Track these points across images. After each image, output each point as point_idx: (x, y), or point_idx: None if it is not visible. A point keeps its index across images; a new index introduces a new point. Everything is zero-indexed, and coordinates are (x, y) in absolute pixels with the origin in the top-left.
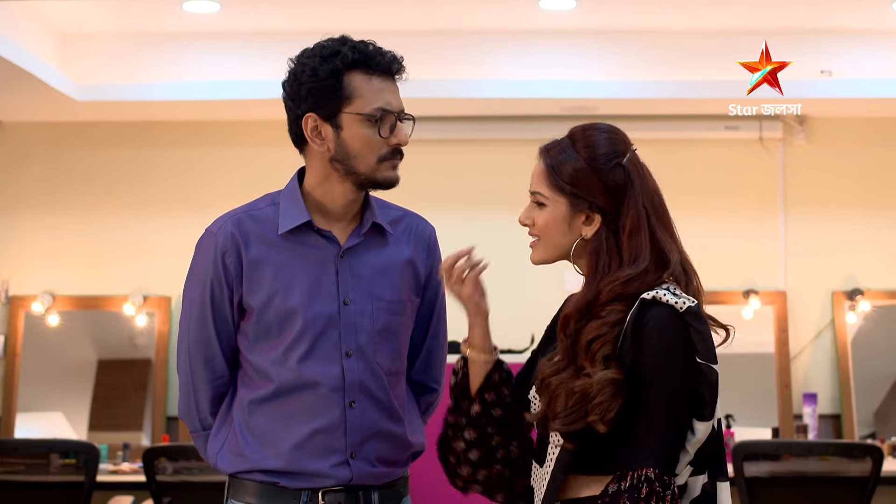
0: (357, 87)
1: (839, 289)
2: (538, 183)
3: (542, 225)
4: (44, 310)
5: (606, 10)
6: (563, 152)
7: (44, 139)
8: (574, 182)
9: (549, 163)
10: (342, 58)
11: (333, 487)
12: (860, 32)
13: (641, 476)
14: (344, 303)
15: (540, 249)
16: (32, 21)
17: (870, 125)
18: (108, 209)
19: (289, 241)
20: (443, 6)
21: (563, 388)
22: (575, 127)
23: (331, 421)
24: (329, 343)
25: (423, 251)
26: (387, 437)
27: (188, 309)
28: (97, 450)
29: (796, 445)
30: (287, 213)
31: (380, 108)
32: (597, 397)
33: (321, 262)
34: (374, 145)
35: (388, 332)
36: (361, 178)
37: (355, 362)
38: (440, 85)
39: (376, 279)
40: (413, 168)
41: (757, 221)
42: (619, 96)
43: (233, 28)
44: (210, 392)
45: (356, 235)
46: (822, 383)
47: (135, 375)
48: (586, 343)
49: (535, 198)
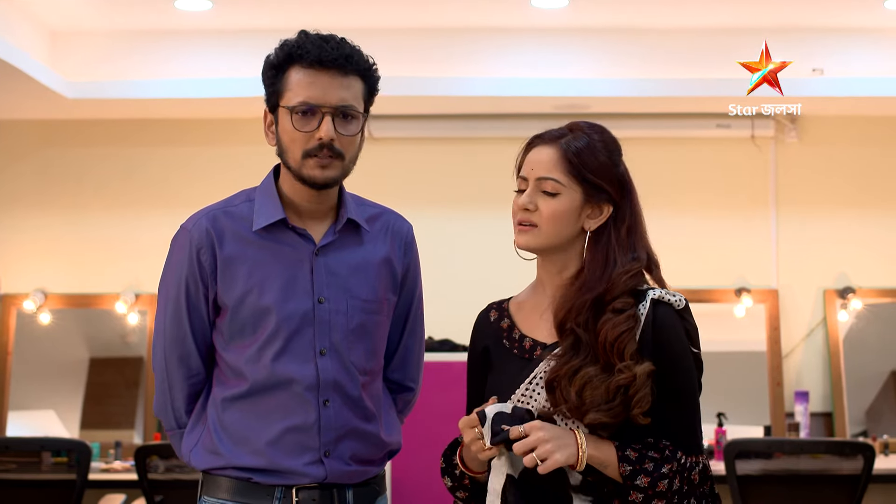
0: (289, 81)
1: (831, 287)
2: (551, 169)
3: (549, 213)
4: (35, 308)
5: (598, 9)
6: (583, 143)
7: (35, 137)
8: (598, 173)
9: (568, 151)
10: (288, 51)
11: (307, 485)
12: (851, 31)
13: (696, 462)
14: (318, 301)
15: (537, 236)
16: (23, 18)
17: (861, 124)
18: (99, 207)
19: (263, 239)
20: (434, 4)
21: (600, 383)
22: (578, 122)
23: (305, 419)
24: (303, 341)
25: (399, 249)
26: (361, 436)
27: (163, 306)
28: (89, 448)
29: (788, 444)
30: (262, 209)
31: (303, 101)
32: (640, 391)
33: (296, 259)
34: (298, 139)
35: (363, 330)
36: (293, 174)
37: (329, 361)
38: (431, 83)
39: (352, 277)
40: (404, 166)
41: (749, 220)
42: (611, 94)
43: (225, 26)
44: (185, 390)
45: (331, 233)
46: (814, 381)
47: (127, 374)
48: (614, 338)
49: (545, 185)
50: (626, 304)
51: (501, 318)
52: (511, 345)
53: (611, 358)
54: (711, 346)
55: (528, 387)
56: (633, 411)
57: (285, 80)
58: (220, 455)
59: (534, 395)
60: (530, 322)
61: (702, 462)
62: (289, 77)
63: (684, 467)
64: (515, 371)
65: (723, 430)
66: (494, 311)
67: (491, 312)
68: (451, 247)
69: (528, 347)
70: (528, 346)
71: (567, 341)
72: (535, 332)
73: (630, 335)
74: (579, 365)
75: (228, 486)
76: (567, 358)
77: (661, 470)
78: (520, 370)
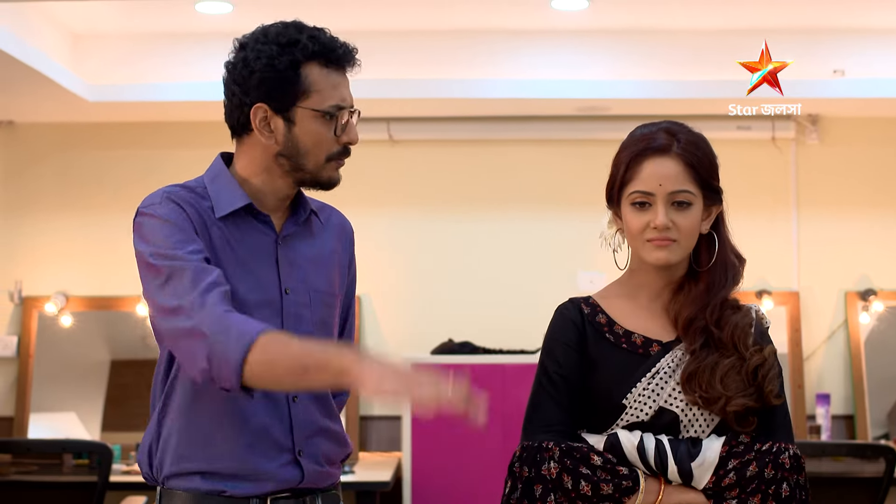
0: (315, 82)
1: (852, 289)
2: (683, 182)
3: (688, 227)
4: (57, 310)
5: (619, 10)
6: (698, 149)
7: (56, 140)
8: (716, 177)
9: (692, 160)
10: (302, 48)
11: (281, 494)
12: (873, 32)
13: (785, 448)
14: (285, 291)
15: (676, 251)
16: (44, 22)
17: (883, 125)
18: (120, 209)
19: (227, 225)
20: (454, 6)
21: (736, 373)
22: (670, 124)
23: (276, 417)
24: None
25: (345, 242)
26: (328, 435)
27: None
28: (110, 450)
29: (809, 446)
30: (222, 195)
31: (336, 104)
32: (771, 370)
33: (260, 248)
34: (326, 143)
35: (324, 324)
36: (306, 175)
37: None
38: (451, 85)
39: (311, 269)
40: (424, 168)
41: (770, 221)
42: (632, 96)
43: (245, 29)
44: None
45: (293, 223)
46: (836, 384)
47: (148, 376)
48: (740, 331)
49: (678, 197)
50: (737, 302)
51: (595, 314)
52: (617, 340)
53: (738, 348)
54: None
55: (650, 381)
56: (766, 389)
57: (305, 80)
58: (189, 458)
59: (656, 390)
60: (633, 319)
61: (792, 449)
62: (310, 77)
63: (770, 452)
64: (629, 366)
65: None
66: (584, 305)
67: (582, 306)
68: (471, 249)
69: (641, 343)
70: (639, 343)
71: (699, 339)
72: (643, 329)
73: (750, 328)
74: (717, 359)
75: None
76: (704, 354)
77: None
78: (634, 365)
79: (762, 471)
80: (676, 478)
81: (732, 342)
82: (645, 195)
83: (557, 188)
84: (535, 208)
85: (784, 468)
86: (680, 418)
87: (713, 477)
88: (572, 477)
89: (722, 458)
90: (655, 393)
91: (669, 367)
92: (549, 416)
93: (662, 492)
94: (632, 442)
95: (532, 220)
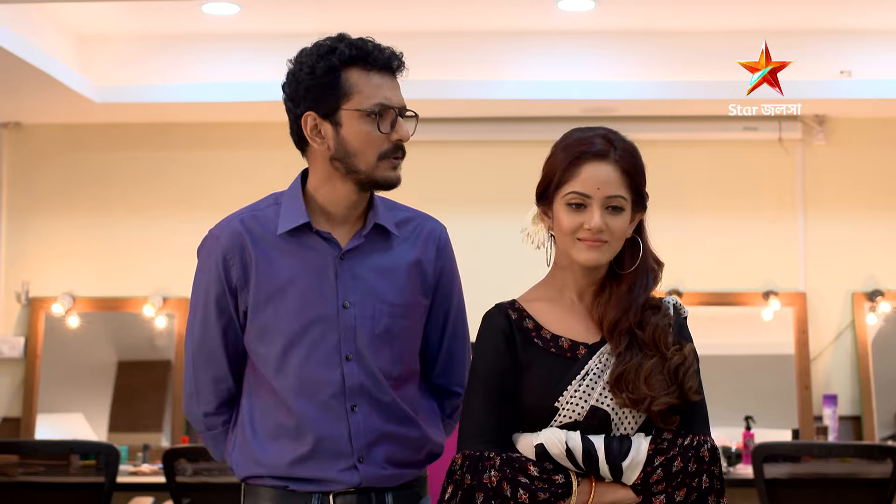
0: (355, 83)
1: (859, 290)
2: (618, 187)
3: (619, 230)
4: (64, 311)
5: (625, 11)
6: (633, 157)
7: (63, 141)
8: (644, 184)
9: (627, 168)
10: (339, 54)
11: (343, 490)
12: (880, 32)
13: (704, 441)
14: (343, 306)
15: (606, 252)
16: (51, 23)
17: (890, 125)
18: (127, 210)
19: (288, 243)
20: (461, 7)
21: (659, 372)
22: (607, 131)
23: (335, 426)
24: (328, 347)
25: (431, 251)
26: (395, 440)
27: (193, 312)
28: (117, 451)
29: (816, 447)
30: (287, 213)
31: (379, 103)
32: (690, 368)
33: (320, 264)
34: (375, 141)
35: (390, 335)
36: (362, 176)
37: (355, 366)
38: (457, 86)
39: (378, 281)
40: (431, 169)
41: (776, 222)
42: (638, 97)
43: (252, 30)
44: (212, 394)
45: (357, 237)
46: (843, 385)
47: (154, 377)
48: (660, 331)
49: (613, 202)
50: (658, 303)
51: (523, 319)
52: (545, 344)
53: (659, 348)
54: (739, 349)
55: (581, 382)
56: (686, 386)
57: (346, 82)
58: (257, 462)
59: (587, 391)
60: (558, 323)
61: (710, 441)
62: (350, 80)
63: (692, 446)
64: (558, 369)
65: (751, 434)
66: (510, 310)
67: (508, 311)
68: (476, 250)
69: (568, 347)
70: (566, 346)
71: (624, 341)
72: (569, 332)
73: (669, 328)
74: (640, 360)
75: (268, 496)
76: (629, 355)
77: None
78: (564, 368)
79: (686, 465)
80: (608, 475)
81: (654, 342)
82: (582, 196)
83: None
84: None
85: (704, 461)
86: (611, 416)
87: (641, 473)
88: (511, 486)
89: (649, 456)
90: (587, 394)
91: (598, 367)
92: (486, 425)
93: (594, 491)
94: (559, 447)
95: None
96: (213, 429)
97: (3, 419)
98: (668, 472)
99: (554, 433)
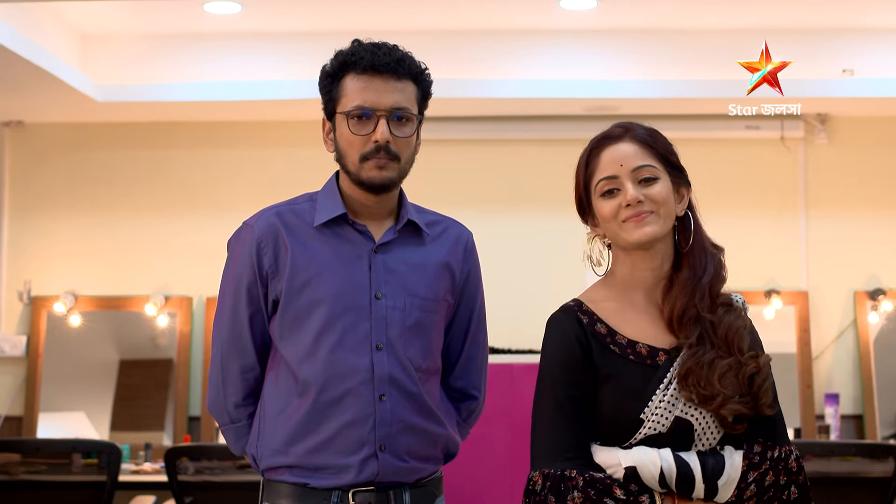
0: (344, 87)
1: (861, 288)
2: (643, 157)
3: (661, 195)
4: (66, 310)
5: (628, 10)
6: (651, 133)
7: (65, 140)
8: (675, 155)
9: (647, 141)
10: (342, 61)
11: (363, 487)
12: (882, 31)
13: (790, 452)
14: (375, 297)
15: (657, 221)
16: (53, 22)
17: (892, 124)
18: (129, 209)
19: (323, 234)
20: (464, 6)
21: (733, 375)
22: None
23: (361, 413)
24: (359, 336)
25: (460, 254)
26: (418, 432)
27: (222, 301)
28: (119, 450)
29: (818, 446)
30: (324, 206)
31: (358, 105)
32: (766, 380)
33: (355, 255)
34: (355, 143)
35: (420, 328)
36: (352, 177)
37: (385, 356)
38: (460, 85)
39: (410, 275)
40: (433, 168)
41: (778, 221)
42: (641, 96)
43: (254, 29)
44: (240, 384)
45: (392, 231)
46: (845, 384)
47: (156, 376)
48: (734, 332)
49: (643, 172)
50: (728, 300)
51: (594, 323)
52: (623, 352)
53: (732, 351)
54: None
55: (665, 392)
56: (761, 401)
57: (341, 87)
58: (280, 453)
59: (671, 401)
60: (630, 326)
61: (795, 451)
62: (344, 84)
63: (781, 458)
64: (640, 379)
65: None
66: (581, 314)
67: (580, 316)
68: (480, 248)
69: (647, 353)
70: (645, 353)
71: (694, 331)
72: (643, 337)
73: (745, 330)
74: (714, 356)
75: (288, 492)
76: (701, 350)
77: None
78: (645, 377)
79: (777, 478)
80: (700, 495)
81: (727, 342)
82: (610, 180)
83: (565, 188)
84: (543, 207)
85: (792, 472)
86: (694, 427)
87: (735, 490)
88: None
89: (743, 472)
90: (671, 404)
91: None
92: (565, 443)
93: None
94: (651, 471)
95: (540, 220)
96: (238, 421)
97: (5, 418)
98: (761, 486)
99: (646, 454)
